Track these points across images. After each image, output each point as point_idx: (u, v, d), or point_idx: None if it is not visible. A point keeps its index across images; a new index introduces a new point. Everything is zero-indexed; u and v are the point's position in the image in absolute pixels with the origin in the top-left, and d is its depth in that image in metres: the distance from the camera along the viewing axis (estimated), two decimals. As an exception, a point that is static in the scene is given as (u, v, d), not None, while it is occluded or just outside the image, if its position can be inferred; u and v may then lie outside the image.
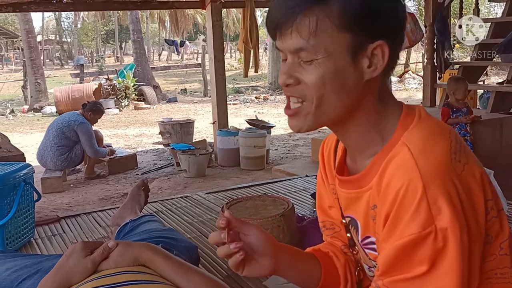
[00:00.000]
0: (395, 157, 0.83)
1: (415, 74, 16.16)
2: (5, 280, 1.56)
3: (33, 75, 13.49)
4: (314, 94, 0.86)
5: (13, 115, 12.61)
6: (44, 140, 5.58)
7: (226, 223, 0.93)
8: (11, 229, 2.28)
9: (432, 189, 0.77)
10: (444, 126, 0.88)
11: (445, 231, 0.77)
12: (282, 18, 0.84)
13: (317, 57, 0.84)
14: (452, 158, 0.80)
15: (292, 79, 0.87)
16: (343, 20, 0.82)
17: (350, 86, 0.86)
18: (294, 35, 0.84)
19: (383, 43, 0.84)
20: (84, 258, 1.39)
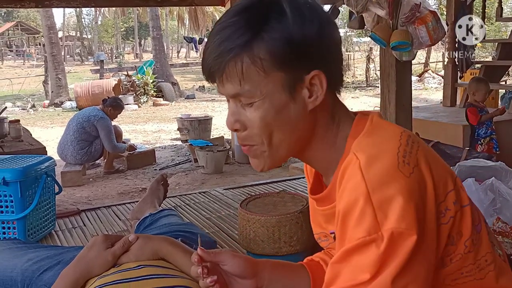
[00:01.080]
0: (347, 169, 0.81)
1: (435, 73, 15.98)
2: (27, 270, 1.58)
3: (54, 70, 13.65)
4: (262, 135, 0.87)
5: (34, 109, 12.78)
6: (64, 135, 5.65)
7: (198, 260, 0.96)
8: (33, 221, 2.32)
9: (377, 195, 0.75)
10: (395, 129, 0.86)
11: (391, 236, 0.74)
12: (213, 67, 0.85)
13: (255, 100, 0.84)
14: (399, 162, 0.78)
15: (238, 123, 0.88)
16: (272, 61, 0.82)
17: (295, 120, 0.86)
18: (227, 82, 0.85)
19: (318, 72, 0.84)
20: (104, 251, 1.40)
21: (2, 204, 2.23)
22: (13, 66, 28.33)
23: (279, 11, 0.83)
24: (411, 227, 0.74)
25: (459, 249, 0.84)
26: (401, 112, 4.21)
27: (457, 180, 0.87)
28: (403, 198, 0.75)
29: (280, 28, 0.82)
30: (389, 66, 4.23)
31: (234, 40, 0.82)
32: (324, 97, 0.86)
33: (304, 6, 0.85)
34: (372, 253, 0.74)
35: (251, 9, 0.84)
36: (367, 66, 15.91)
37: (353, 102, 12.04)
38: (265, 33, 0.82)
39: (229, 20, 0.84)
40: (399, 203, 0.75)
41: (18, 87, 17.17)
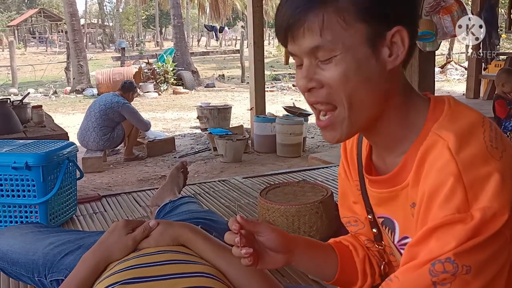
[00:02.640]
0: (431, 151, 0.79)
1: (458, 64, 15.72)
2: (48, 254, 1.60)
3: (76, 57, 13.77)
4: (343, 94, 0.81)
5: (56, 96, 12.94)
6: (85, 121, 5.70)
7: (238, 228, 0.95)
8: (54, 205, 2.35)
9: (468, 175, 0.73)
10: (476, 115, 0.83)
11: (482, 215, 0.71)
12: (291, 19, 0.81)
13: (336, 53, 0.80)
14: (487, 146, 0.76)
15: (313, 82, 0.82)
16: (356, 11, 0.79)
17: (376, 79, 0.82)
18: (308, 34, 0.80)
19: (401, 28, 0.80)
20: (125, 236, 1.41)
21: (24, 188, 2.26)
22: (36, 52, 28.67)
23: None
24: (504, 206, 0.72)
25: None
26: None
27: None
28: (496, 177, 0.73)
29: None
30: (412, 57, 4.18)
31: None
32: (398, 66, 0.82)
33: None
34: (459, 231, 0.71)
35: None
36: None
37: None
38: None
39: None
40: (492, 182, 0.73)
41: (41, 73, 17.39)
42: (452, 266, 0.71)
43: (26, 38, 34.06)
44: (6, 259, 1.69)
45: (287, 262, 1.01)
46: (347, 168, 1.07)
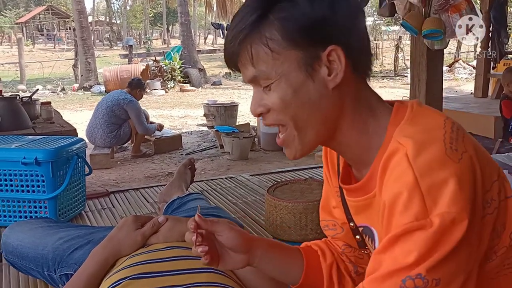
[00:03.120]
0: (391, 159, 0.78)
1: (466, 63, 15.64)
2: (58, 248, 1.62)
3: (84, 54, 13.82)
4: (286, 117, 0.85)
5: (64, 92, 12.99)
6: (93, 118, 5.73)
7: (194, 227, 0.96)
8: (63, 201, 2.37)
9: (425, 181, 0.72)
10: (438, 116, 0.83)
11: (441, 221, 0.71)
12: (229, 53, 0.86)
13: (271, 81, 0.83)
14: (447, 148, 0.75)
15: (261, 107, 0.87)
16: (282, 40, 0.81)
17: (317, 99, 0.84)
18: (244, 67, 0.85)
19: (335, 47, 0.81)
20: (134, 231, 1.43)
21: (34, 183, 2.28)
22: (44, 49, 28.80)
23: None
24: (463, 211, 0.72)
25: (503, 241, 0.82)
26: (432, 103, 4.13)
27: (500, 171, 0.84)
28: (453, 182, 0.72)
29: (287, 6, 0.81)
30: (420, 55, 4.15)
31: (244, 22, 0.82)
32: (348, 77, 0.83)
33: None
34: (419, 238, 0.71)
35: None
36: (395, 55, 15.65)
37: (381, 91, 11.89)
38: (271, 13, 0.81)
39: (245, 3, 0.85)
40: (449, 187, 0.72)
41: (49, 70, 17.47)
42: (423, 282, 0.71)
43: (34, 35, 34.21)
44: (16, 253, 1.71)
45: (247, 262, 1.01)
46: (328, 174, 1.07)
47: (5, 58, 22.36)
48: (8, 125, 3.23)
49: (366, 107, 0.88)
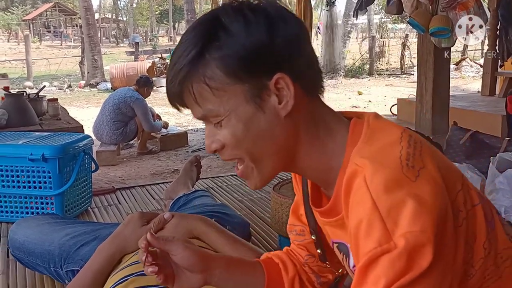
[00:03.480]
0: (352, 182, 0.76)
1: (473, 61, 15.56)
2: (64, 244, 1.63)
3: (91, 51, 13.85)
4: (241, 151, 0.83)
5: (71, 89, 13.04)
6: (100, 115, 5.75)
7: (145, 247, 0.92)
8: (70, 197, 2.37)
9: (383, 203, 0.70)
10: (394, 131, 0.80)
11: (405, 243, 0.68)
12: (171, 94, 0.82)
13: (221, 118, 0.81)
14: (403, 166, 0.73)
15: (215, 144, 0.84)
16: (224, 76, 0.78)
17: (270, 129, 0.81)
18: (190, 106, 0.82)
19: (281, 74, 0.78)
20: (140, 228, 1.43)
21: (41, 180, 2.29)
22: (51, 46, 28.90)
23: (220, 25, 0.78)
24: (426, 228, 0.68)
25: (477, 253, 0.79)
26: (438, 100, 4.13)
27: (464, 179, 0.82)
28: (411, 201, 0.69)
29: (224, 40, 0.77)
30: (427, 53, 4.14)
31: (182, 62, 0.79)
32: (300, 101, 0.80)
33: (247, 10, 0.79)
34: (385, 263, 0.69)
35: (196, 28, 0.81)
36: (402, 53, 15.60)
37: (387, 89, 11.86)
38: (208, 50, 0.78)
39: (182, 40, 0.82)
40: (408, 207, 0.69)
41: (55, 67, 17.53)
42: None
43: (41, 32, 34.33)
44: (23, 249, 1.72)
45: (205, 282, 0.97)
46: (295, 184, 1.05)
47: (12, 54, 22.47)
48: (15, 121, 3.25)
49: (322, 128, 0.85)
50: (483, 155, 2.62)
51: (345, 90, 11.98)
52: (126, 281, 1.23)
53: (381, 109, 9.08)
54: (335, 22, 14.37)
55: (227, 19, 0.78)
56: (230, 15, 0.79)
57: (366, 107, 9.43)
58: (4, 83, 3.80)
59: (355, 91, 11.50)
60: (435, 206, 0.71)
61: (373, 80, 14.01)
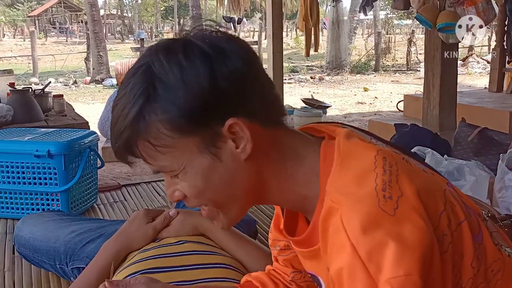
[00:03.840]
0: (329, 221, 0.71)
1: (480, 57, 15.47)
2: (70, 242, 1.62)
3: (96, 47, 13.86)
4: (203, 200, 0.80)
5: (76, 85, 13.05)
6: (105, 111, 5.74)
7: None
8: (76, 194, 2.37)
9: (362, 247, 0.65)
10: (367, 155, 0.73)
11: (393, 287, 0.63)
12: (118, 155, 0.77)
13: (176, 172, 0.77)
14: (379, 199, 0.67)
15: (177, 193, 0.80)
16: (173, 131, 0.73)
17: (231, 177, 0.77)
18: (146, 163, 0.77)
19: (233, 119, 0.73)
20: (145, 225, 1.42)
21: (46, 176, 2.28)
22: (57, 42, 28.95)
23: (155, 78, 0.72)
24: (411, 270, 0.63)
25: (467, 273, 0.74)
26: (446, 97, 4.09)
27: (446, 195, 0.75)
28: (392, 240, 0.64)
29: (161, 99, 0.71)
30: (434, 49, 4.10)
31: (122, 122, 0.74)
32: (260, 138, 0.75)
33: (180, 54, 0.72)
34: None
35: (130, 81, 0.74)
36: (408, 50, 15.52)
37: (393, 86, 11.80)
38: (147, 112, 0.72)
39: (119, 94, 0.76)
40: (390, 248, 0.64)
41: (61, 63, 17.55)
42: None
43: (46, 28, 34.39)
44: (28, 246, 1.71)
45: None
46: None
47: (18, 51, 22.52)
48: (21, 117, 3.24)
49: (290, 157, 0.79)
50: (492, 152, 2.60)
51: (350, 87, 11.93)
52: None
53: (387, 105, 9.04)
54: (341, 18, 14.32)
55: (161, 70, 0.72)
56: (163, 64, 0.72)
57: (372, 103, 9.38)
58: (10, 79, 3.78)
59: (361, 88, 11.45)
60: (419, 243, 0.65)
61: (379, 76, 13.95)
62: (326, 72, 14.61)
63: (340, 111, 8.44)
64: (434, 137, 2.72)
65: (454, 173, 2.21)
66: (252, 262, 1.36)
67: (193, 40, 0.75)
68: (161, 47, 0.75)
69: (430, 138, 2.70)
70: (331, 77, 13.89)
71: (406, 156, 0.80)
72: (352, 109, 8.82)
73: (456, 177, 2.20)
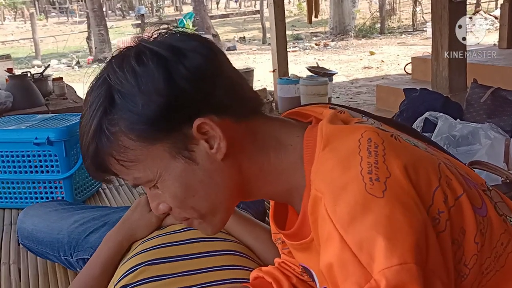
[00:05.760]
0: (317, 212, 0.66)
1: (487, 14, 15.13)
2: (73, 232, 1.58)
3: (97, 26, 13.72)
4: (188, 210, 0.75)
5: (79, 66, 12.98)
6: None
7: None
8: (79, 180, 2.32)
9: (351, 236, 0.60)
10: (351, 138, 0.68)
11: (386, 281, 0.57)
12: (91, 173, 0.75)
13: (154, 181, 0.73)
14: (366, 183, 0.62)
15: (162, 206, 0.76)
16: (139, 141, 0.69)
17: (211, 179, 0.73)
18: (119, 175, 0.74)
19: (200, 119, 0.69)
20: (148, 213, 1.37)
21: (47, 164, 2.23)
22: (58, 23, 28.72)
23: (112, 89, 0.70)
24: (406, 258, 0.58)
25: (470, 250, 0.68)
26: (455, 57, 3.98)
27: (441, 169, 0.70)
28: (383, 227, 0.59)
29: (120, 109, 0.69)
30: (441, 8, 3.97)
31: (86, 140, 0.72)
32: (234, 134, 0.72)
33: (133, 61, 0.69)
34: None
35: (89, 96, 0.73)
36: (413, 10, 15.19)
37: (400, 48, 11.59)
38: (106, 126, 0.70)
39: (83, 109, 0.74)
40: (381, 235, 0.59)
41: (63, 44, 17.43)
42: None
43: (46, 9, 34.09)
44: (32, 238, 1.67)
45: None
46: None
47: (20, 34, 22.37)
48: (21, 103, 3.20)
49: (272, 147, 0.75)
50: (506, 112, 2.50)
51: (356, 51, 11.74)
52: (136, 271, 1.17)
53: (395, 68, 8.88)
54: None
55: (116, 80, 0.69)
56: (117, 74, 0.70)
57: (379, 67, 9.23)
58: (8, 64, 3.72)
59: (367, 52, 11.26)
60: (411, 225, 0.60)
61: (385, 39, 13.71)
62: (331, 38, 14.38)
63: (346, 77, 8.31)
64: (445, 100, 2.63)
65: (469, 137, 2.13)
66: (262, 246, 1.30)
67: (146, 44, 0.72)
68: (115, 57, 0.73)
69: (441, 101, 2.61)
70: (335, 42, 13.66)
71: (397, 133, 0.74)
72: (358, 75, 8.68)
73: (470, 141, 2.12)
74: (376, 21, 15.41)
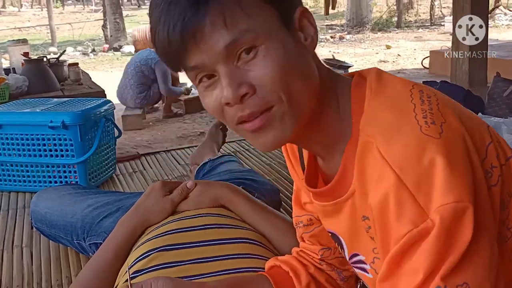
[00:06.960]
0: (366, 157, 0.64)
1: (507, 9, 14.89)
2: (87, 216, 1.56)
3: (112, 14, 13.72)
4: (280, 90, 0.66)
5: (94, 53, 13.01)
6: (123, 79, 5.68)
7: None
8: (93, 165, 2.31)
9: (409, 175, 0.59)
10: (402, 87, 0.68)
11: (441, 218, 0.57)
12: (189, 20, 0.63)
13: (258, 41, 0.65)
14: (421, 126, 0.61)
15: (245, 86, 0.65)
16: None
17: (305, 63, 0.70)
18: (215, 32, 0.63)
19: (304, 8, 0.70)
20: (162, 198, 1.34)
21: (62, 148, 2.22)
22: (74, 11, 28.86)
23: None
24: (462, 196, 0.57)
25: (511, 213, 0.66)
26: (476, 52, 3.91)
27: (491, 130, 0.70)
28: (441, 163, 0.58)
29: None
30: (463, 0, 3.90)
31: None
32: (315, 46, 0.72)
33: None
34: (423, 248, 0.58)
35: None
36: (431, 3, 15.00)
37: (416, 43, 11.45)
38: None
39: None
40: (438, 172, 0.57)
41: (79, 32, 17.49)
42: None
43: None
44: (45, 221, 1.66)
45: None
46: (292, 168, 0.91)
47: (36, 20, 22.51)
48: (36, 87, 3.19)
49: (328, 86, 0.73)
50: (529, 108, 2.45)
51: (372, 45, 11.62)
52: (148, 256, 1.14)
53: (411, 62, 8.77)
54: (361, -27, 13.86)
55: None
56: None
57: (395, 61, 9.13)
58: (24, 48, 3.71)
59: (383, 45, 11.14)
60: (468, 167, 0.60)
61: (402, 33, 13.55)
62: (347, 31, 14.24)
63: (362, 70, 8.22)
64: (466, 94, 2.57)
65: (490, 132, 2.08)
66: (277, 235, 1.28)
67: None
68: None
69: (462, 95, 2.55)
70: (352, 35, 13.53)
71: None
72: (375, 68, 8.58)
73: (491, 136, 2.07)
74: (393, 14, 15.25)
